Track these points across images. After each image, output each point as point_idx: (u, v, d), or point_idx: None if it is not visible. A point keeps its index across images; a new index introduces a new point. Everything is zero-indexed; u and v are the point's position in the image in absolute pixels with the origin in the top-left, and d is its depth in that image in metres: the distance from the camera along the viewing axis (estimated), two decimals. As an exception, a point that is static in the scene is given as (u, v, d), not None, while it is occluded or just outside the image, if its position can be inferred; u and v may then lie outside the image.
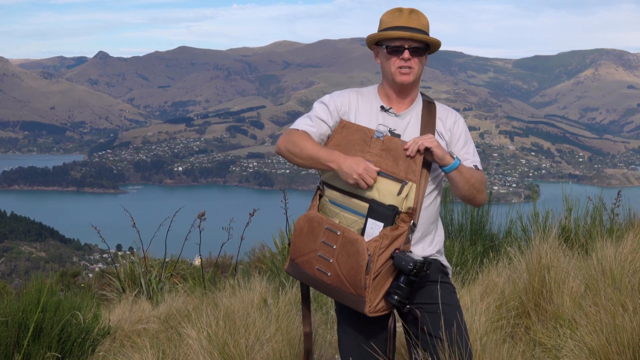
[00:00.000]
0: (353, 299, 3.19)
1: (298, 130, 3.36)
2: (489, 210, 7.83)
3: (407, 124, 3.35)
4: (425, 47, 3.34)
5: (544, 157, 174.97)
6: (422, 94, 3.47)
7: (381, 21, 3.38)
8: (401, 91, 3.37)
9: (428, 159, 3.22)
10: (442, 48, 3.41)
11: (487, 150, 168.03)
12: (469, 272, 5.82)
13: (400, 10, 3.34)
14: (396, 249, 3.15)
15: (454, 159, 3.22)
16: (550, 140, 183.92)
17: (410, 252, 3.22)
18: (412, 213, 3.19)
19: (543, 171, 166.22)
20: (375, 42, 3.41)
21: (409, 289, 3.15)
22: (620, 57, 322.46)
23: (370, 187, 3.19)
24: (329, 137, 3.40)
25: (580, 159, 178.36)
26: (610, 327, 3.57)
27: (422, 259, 3.17)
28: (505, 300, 5.05)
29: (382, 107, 3.37)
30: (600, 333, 3.62)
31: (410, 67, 3.30)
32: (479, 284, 5.39)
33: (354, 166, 3.17)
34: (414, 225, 3.22)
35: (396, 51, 3.31)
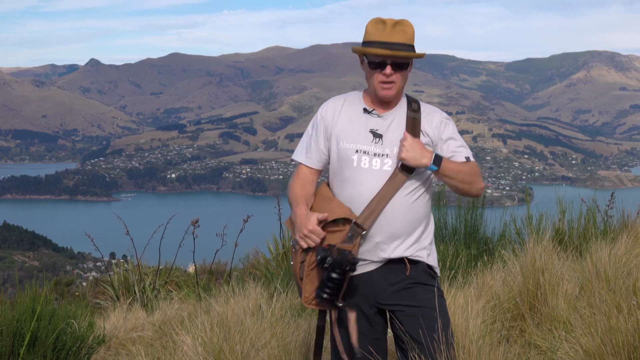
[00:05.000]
0: (298, 289, 3.34)
1: (298, 172, 3.50)
2: (482, 213, 7.83)
3: (390, 124, 3.37)
4: (409, 60, 3.32)
5: (537, 160, 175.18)
6: (406, 95, 3.47)
7: (366, 31, 3.33)
8: (383, 101, 3.40)
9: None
10: (434, 52, 3.43)
11: (480, 154, 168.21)
12: (463, 275, 5.82)
13: (383, 22, 3.28)
14: (330, 244, 3.20)
15: (430, 163, 3.22)
16: (543, 142, 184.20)
17: (349, 251, 3.20)
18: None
19: (536, 174, 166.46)
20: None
21: (333, 285, 3.14)
22: (612, 59, 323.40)
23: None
24: (329, 153, 3.48)
25: (574, 161, 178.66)
26: (605, 329, 3.57)
27: (353, 258, 3.16)
28: (500, 303, 5.06)
29: (365, 109, 3.41)
30: (595, 334, 3.62)
31: (392, 82, 3.30)
32: (473, 287, 5.39)
33: (304, 222, 3.27)
34: (361, 229, 3.24)
35: (378, 66, 3.30)
